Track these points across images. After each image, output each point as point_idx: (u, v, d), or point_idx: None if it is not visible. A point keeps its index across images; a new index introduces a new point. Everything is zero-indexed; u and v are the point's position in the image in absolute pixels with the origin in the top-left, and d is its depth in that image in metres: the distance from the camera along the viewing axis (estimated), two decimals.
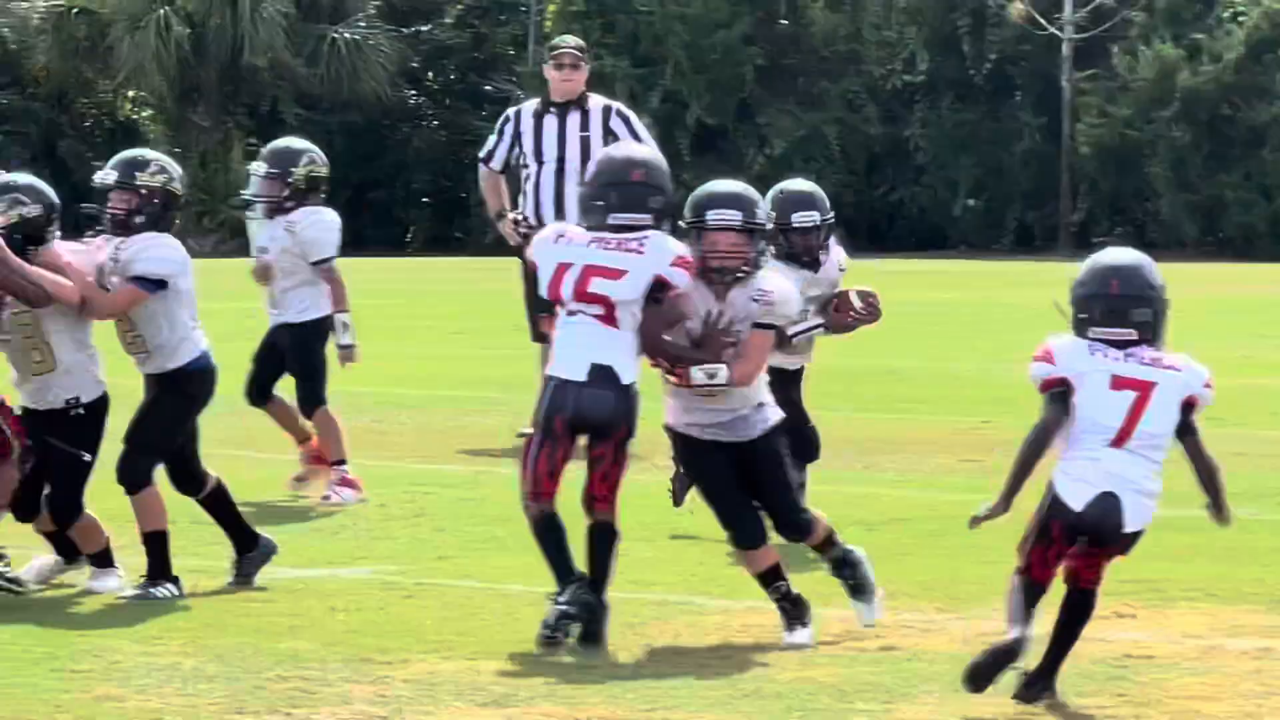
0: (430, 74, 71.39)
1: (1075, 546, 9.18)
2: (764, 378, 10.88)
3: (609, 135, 18.65)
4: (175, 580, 11.43)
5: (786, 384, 12.72)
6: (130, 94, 65.57)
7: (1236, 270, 50.98)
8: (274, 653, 10.08)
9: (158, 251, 11.45)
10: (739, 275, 10.50)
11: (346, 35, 64.87)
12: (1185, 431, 9.19)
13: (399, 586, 12.00)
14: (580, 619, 10.21)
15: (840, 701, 9.28)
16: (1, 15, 65.70)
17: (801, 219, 12.99)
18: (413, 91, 70.15)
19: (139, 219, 11.54)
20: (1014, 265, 54.52)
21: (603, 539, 10.55)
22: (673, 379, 10.64)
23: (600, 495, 10.52)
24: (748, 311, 10.55)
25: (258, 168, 15.59)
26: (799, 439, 12.71)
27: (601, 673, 9.87)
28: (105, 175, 11.61)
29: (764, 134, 65.54)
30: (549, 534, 10.44)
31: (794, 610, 10.65)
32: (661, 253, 10.43)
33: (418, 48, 69.90)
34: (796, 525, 10.86)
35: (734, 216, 10.54)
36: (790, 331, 11.85)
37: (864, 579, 10.84)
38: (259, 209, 15.46)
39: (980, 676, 9.04)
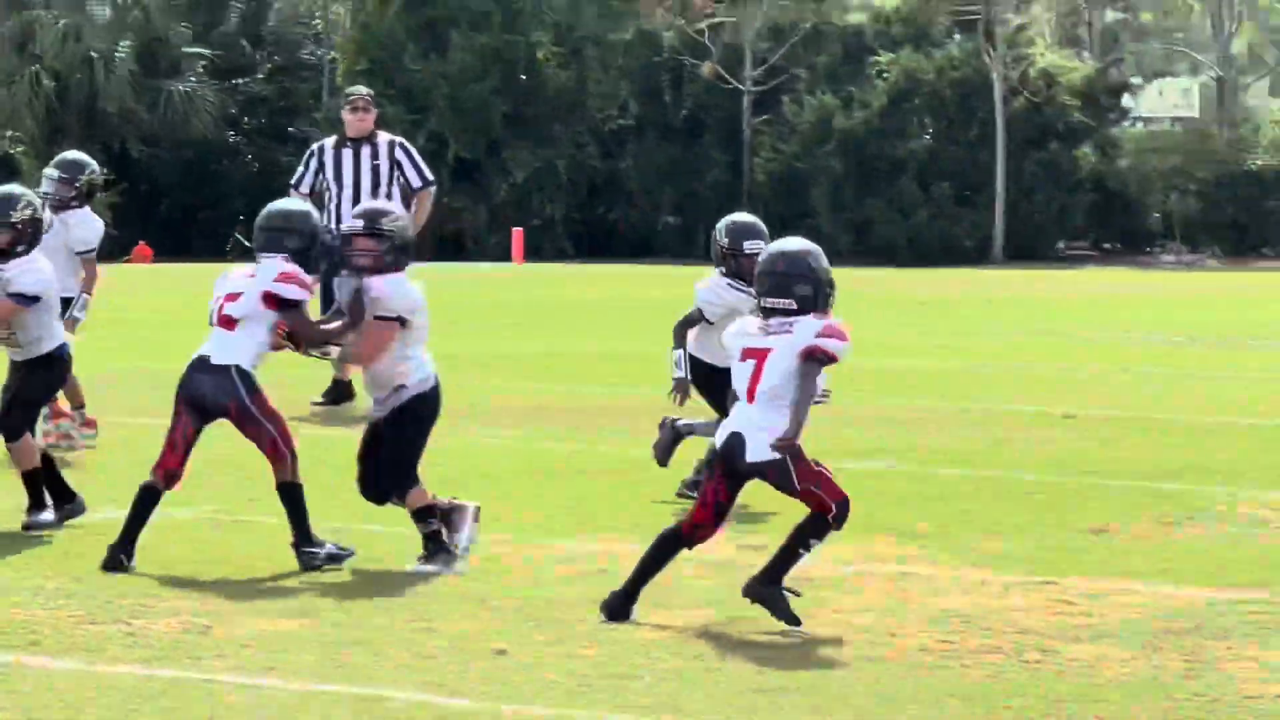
0: (246, 118, 72.37)
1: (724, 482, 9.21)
2: (408, 369, 10.38)
3: (395, 165, 18.95)
4: (54, 506, 11.55)
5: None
6: (8, 134, 66.00)
7: (882, 274, 52.00)
8: (121, 577, 10.09)
9: (32, 275, 11.38)
10: (368, 269, 10.26)
11: (180, 88, 66.39)
12: (806, 368, 9.08)
13: (219, 523, 12.01)
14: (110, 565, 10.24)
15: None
16: None
17: (751, 246, 12.46)
18: (232, 132, 71.07)
19: (20, 248, 11.48)
20: (706, 269, 54.66)
21: (285, 495, 10.36)
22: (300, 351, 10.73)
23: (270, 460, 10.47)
24: (379, 299, 10.30)
25: (51, 172, 15.41)
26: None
27: (372, 589, 9.96)
28: None
29: (508, 167, 66.09)
30: (141, 500, 10.44)
31: (433, 546, 10.31)
32: (270, 273, 10.37)
33: (236, 98, 70.88)
34: (379, 493, 10.55)
35: (358, 225, 10.46)
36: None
37: (437, 551, 10.38)
38: (48, 203, 15.20)
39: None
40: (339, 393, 18.33)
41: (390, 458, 10.52)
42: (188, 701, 7.90)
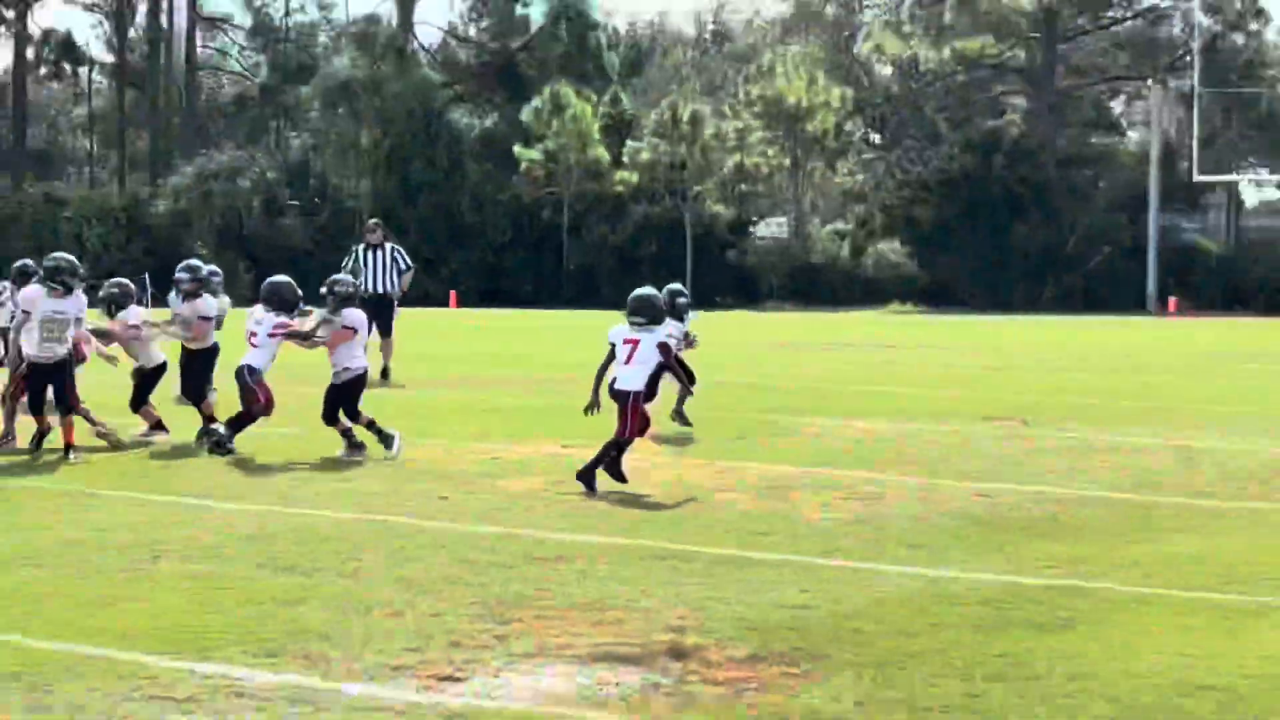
0: None
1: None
2: (353, 360, 16.59)
3: (395, 257, 27.14)
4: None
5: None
6: None
7: None
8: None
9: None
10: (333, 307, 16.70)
11: None
12: (663, 360, 14.73)
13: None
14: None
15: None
16: None
17: (681, 299, 19.11)
18: None
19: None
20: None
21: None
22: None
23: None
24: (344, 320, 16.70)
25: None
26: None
27: (347, 468, 15.70)
28: None
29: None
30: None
31: (347, 444, 16.28)
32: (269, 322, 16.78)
33: None
34: (326, 419, 16.59)
35: (325, 288, 16.95)
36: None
37: (351, 447, 16.24)
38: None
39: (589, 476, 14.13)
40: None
41: (332, 403, 16.61)
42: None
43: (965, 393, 24.92)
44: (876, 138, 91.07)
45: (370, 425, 16.46)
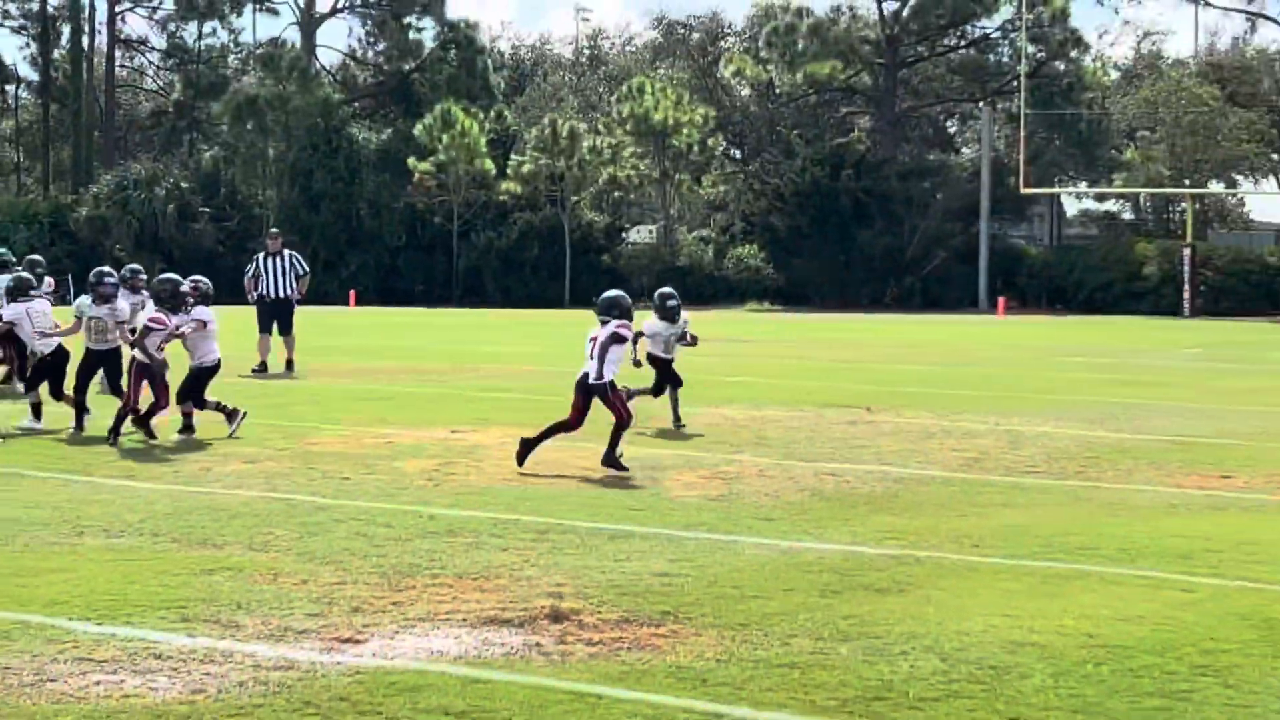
0: None
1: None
2: (208, 351, 16.96)
3: (293, 264, 27.13)
4: None
5: (667, 367, 18.24)
6: None
7: None
8: None
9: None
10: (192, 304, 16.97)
11: None
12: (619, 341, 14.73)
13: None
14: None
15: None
16: None
17: (671, 302, 18.53)
18: None
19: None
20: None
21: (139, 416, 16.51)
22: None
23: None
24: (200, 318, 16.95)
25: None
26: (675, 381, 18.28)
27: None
28: None
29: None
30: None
31: (183, 423, 16.51)
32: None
33: None
34: (180, 399, 16.75)
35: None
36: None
37: (187, 427, 16.62)
38: None
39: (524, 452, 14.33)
40: (263, 366, 25.45)
41: (187, 388, 16.90)
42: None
43: (816, 383, 25.13)
44: (737, 153, 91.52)
45: (218, 407, 16.79)
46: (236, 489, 13.05)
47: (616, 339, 14.69)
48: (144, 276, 21.08)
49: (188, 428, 16.56)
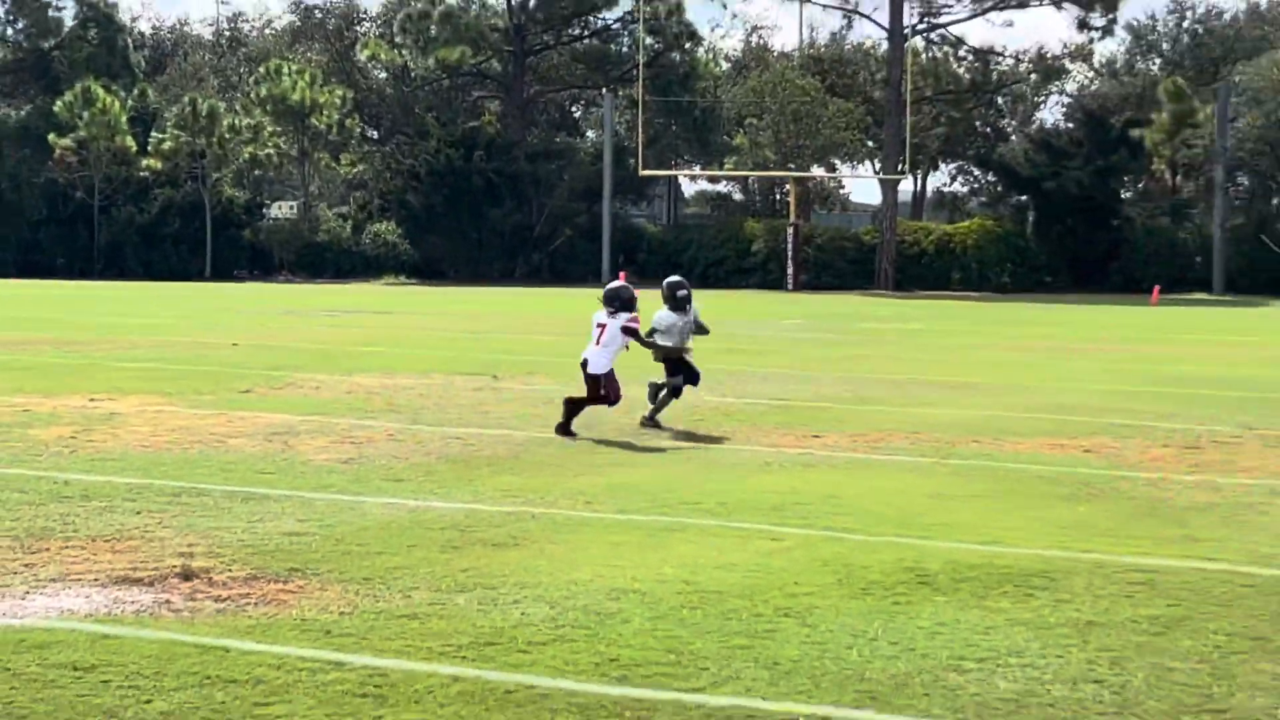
0: None
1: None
2: None
3: None
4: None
5: (679, 358, 16.10)
6: None
7: None
8: None
9: None
10: None
11: None
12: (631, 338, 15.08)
13: None
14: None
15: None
16: None
17: (681, 292, 16.14)
18: None
19: None
20: None
21: None
22: None
23: None
24: None
25: None
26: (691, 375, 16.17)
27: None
28: None
29: None
30: None
31: None
32: None
33: None
34: None
35: None
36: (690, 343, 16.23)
37: None
38: None
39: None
40: None
41: None
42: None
43: (446, 353, 25.20)
44: (375, 133, 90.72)
45: None
46: None
47: (628, 332, 15.19)
48: None
49: None
